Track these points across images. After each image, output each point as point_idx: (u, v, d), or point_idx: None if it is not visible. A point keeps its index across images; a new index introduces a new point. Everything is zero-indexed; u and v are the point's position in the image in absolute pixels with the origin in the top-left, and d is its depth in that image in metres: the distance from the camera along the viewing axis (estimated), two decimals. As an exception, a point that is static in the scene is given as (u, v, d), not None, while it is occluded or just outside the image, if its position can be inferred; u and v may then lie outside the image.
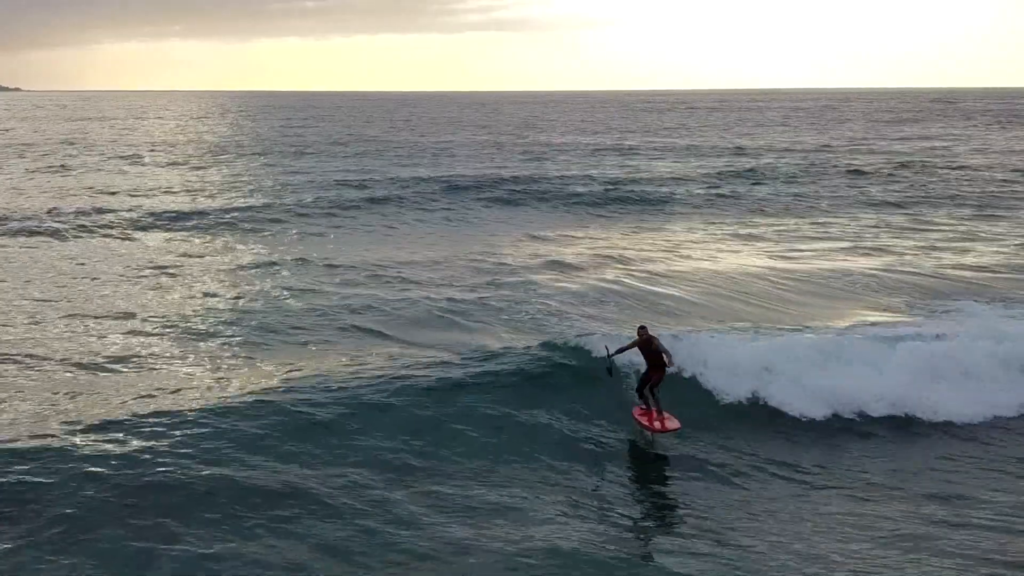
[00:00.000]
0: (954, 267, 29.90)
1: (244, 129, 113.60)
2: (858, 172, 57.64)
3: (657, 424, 15.41)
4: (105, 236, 34.44)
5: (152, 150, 77.65)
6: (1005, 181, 53.59)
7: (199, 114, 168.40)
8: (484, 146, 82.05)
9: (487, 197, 45.60)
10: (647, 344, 15.50)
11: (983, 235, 36.44)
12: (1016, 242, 34.66)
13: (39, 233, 34.26)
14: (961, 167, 61.25)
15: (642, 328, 15.79)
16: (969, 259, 31.31)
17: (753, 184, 52.25)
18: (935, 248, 33.56)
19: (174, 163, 65.33)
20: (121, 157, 70.08)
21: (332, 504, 12.88)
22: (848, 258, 31.47)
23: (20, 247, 31.76)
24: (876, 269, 29.31)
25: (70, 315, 22.41)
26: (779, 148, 78.03)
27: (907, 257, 31.70)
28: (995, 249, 33.32)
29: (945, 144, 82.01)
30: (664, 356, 15.46)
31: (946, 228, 38.20)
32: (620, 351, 15.92)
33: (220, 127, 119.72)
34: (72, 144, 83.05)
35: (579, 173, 56.17)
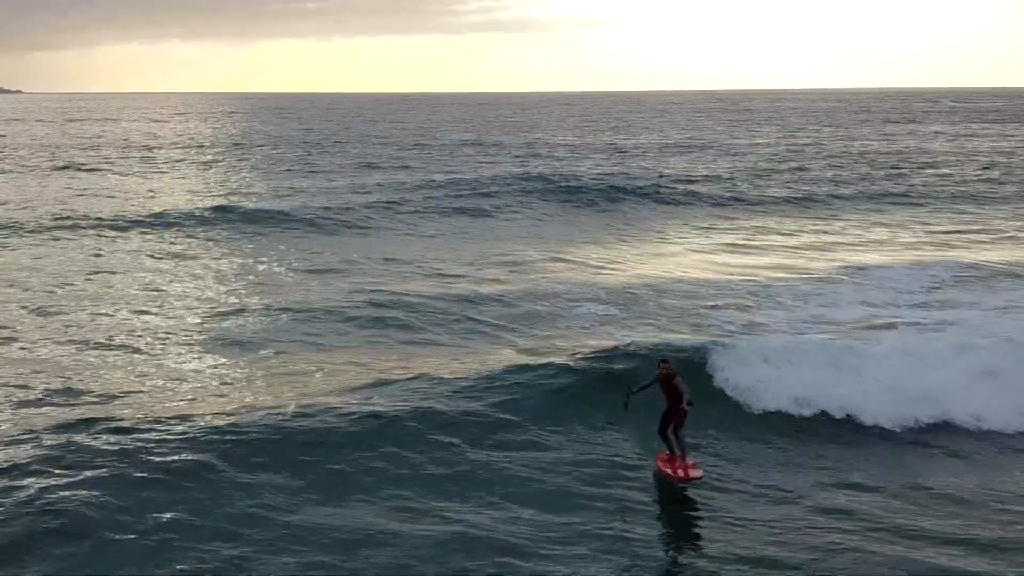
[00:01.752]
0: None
1: (259, 130, 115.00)
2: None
3: (680, 472, 14.13)
4: (152, 235, 35.48)
5: (184, 149, 79.74)
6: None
7: (213, 116, 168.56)
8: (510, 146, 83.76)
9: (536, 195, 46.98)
10: (667, 380, 14.31)
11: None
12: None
13: (70, 233, 35.30)
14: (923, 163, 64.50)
15: (664, 362, 14.58)
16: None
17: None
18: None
19: (196, 163, 66.88)
20: (147, 158, 71.59)
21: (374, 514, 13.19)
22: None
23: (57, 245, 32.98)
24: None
25: (121, 309, 23.78)
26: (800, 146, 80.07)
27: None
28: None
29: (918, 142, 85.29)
30: (683, 396, 14.27)
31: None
32: (642, 388, 14.81)
33: (233, 128, 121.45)
34: (94, 147, 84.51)
35: (591, 172, 57.36)
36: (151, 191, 49.51)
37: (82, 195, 47.24)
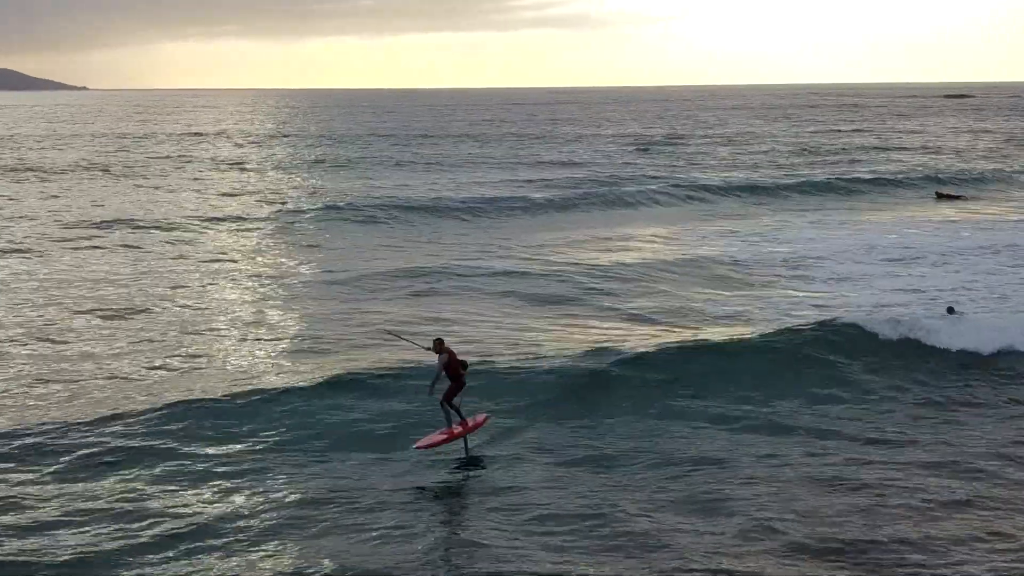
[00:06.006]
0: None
1: (341, 124, 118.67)
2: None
3: (459, 428, 15.09)
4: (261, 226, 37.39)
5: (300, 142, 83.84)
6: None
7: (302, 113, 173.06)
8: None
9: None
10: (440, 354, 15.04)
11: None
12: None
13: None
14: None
15: (438, 340, 15.16)
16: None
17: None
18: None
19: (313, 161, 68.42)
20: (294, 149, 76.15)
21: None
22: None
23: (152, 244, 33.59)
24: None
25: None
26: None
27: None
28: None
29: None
30: (437, 368, 14.94)
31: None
32: (435, 380, 15.04)
33: (310, 123, 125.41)
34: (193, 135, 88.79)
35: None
36: (317, 185, 52.06)
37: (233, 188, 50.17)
